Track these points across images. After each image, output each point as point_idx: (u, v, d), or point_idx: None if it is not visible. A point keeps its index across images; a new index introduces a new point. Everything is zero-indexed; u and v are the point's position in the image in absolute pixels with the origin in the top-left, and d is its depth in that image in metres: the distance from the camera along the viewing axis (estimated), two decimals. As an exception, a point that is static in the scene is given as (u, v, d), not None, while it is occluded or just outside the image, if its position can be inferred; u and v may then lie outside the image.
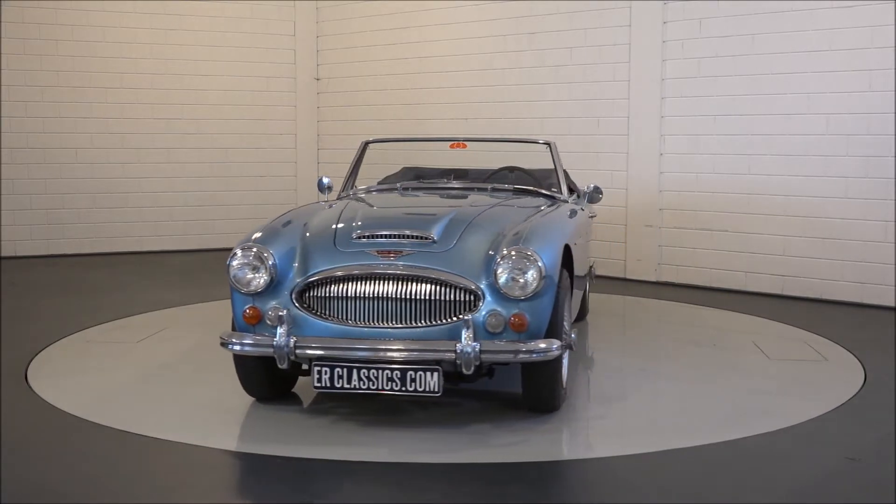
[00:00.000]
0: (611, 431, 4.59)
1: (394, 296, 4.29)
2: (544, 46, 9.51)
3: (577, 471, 4.03)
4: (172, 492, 3.75)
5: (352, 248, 4.48)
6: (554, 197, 5.90)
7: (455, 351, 4.11)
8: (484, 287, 4.29)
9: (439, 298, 4.28)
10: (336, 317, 4.34)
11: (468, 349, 4.10)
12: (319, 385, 4.24)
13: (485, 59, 9.98)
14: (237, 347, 4.37)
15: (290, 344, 4.21)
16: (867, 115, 7.66)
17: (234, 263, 4.46)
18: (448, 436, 4.35)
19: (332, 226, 4.73)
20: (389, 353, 4.17)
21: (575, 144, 9.00)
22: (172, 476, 3.93)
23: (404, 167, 7.12)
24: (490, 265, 4.32)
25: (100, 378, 5.35)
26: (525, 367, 4.45)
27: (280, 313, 4.26)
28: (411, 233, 4.52)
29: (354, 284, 4.33)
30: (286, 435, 4.36)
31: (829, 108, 7.85)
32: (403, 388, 4.19)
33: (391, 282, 4.31)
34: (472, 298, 4.29)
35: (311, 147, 11.59)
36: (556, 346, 4.25)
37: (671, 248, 8.89)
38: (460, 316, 4.23)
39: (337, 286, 4.35)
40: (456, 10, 10.25)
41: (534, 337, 4.28)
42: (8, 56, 10.18)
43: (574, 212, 5.82)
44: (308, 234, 4.67)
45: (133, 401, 4.93)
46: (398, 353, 4.17)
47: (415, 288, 4.29)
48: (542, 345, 4.22)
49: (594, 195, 6.24)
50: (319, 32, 11.49)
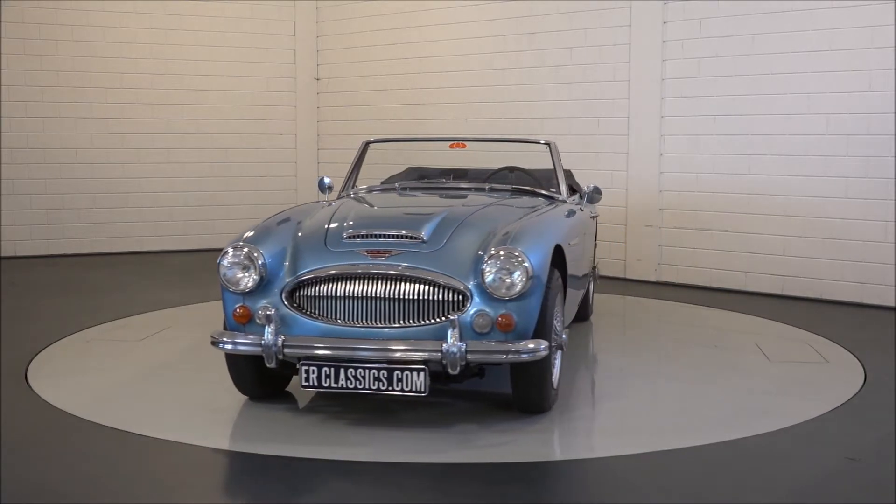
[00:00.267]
0: (611, 431, 4.59)
1: (382, 295, 4.29)
2: (544, 46, 9.51)
3: (577, 471, 4.02)
4: (172, 491, 3.76)
5: (342, 248, 4.48)
6: (553, 197, 5.89)
7: (441, 351, 4.11)
8: (472, 287, 4.28)
9: (427, 298, 4.28)
10: (325, 316, 4.35)
11: (454, 349, 4.09)
12: (307, 384, 4.25)
13: (485, 59, 9.98)
14: (226, 347, 4.40)
15: (279, 343, 4.23)
16: (867, 115, 7.66)
17: (225, 263, 4.48)
18: (444, 436, 4.34)
19: (324, 225, 4.73)
20: (376, 353, 4.18)
21: (575, 144, 9.00)
22: (171, 476, 3.93)
23: (409, 167, 7.12)
24: (478, 265, 4.31)
25: (99, 378, 5.35)
26: (514, 368, 4.43)
27: (268, 312, 4.28)
28: (401, 233, 4.52)
29: (343, 284, 4.33)
30: (279, 434, 4.36)
31: (829, 108, 7.85)
32: (390, 388, 4.19)
33: (379, 281, 4.32)
34: (461, 298, 4.28)
35: (311, 147, 11.59)
36: (544, 347, 4.23)
37: (671, 248, 8.89)
38: (448, 316, 4.23)
39: (326, 286, 4.36)
40: (456, 10, 10.25)
41: (521, 337, 4.26)
42: (8, 56, 10.18)
43: (572, 212, 5.81)
44: (300, 234, 4.68)
45: (132, 400, 4.93)
46: (384, 353, 4.17)
47: (403, 288, 4.30)
48: (531, 345, 4.20)
49: (594, 195, 6.22)
50: (319, 32, 11.49)
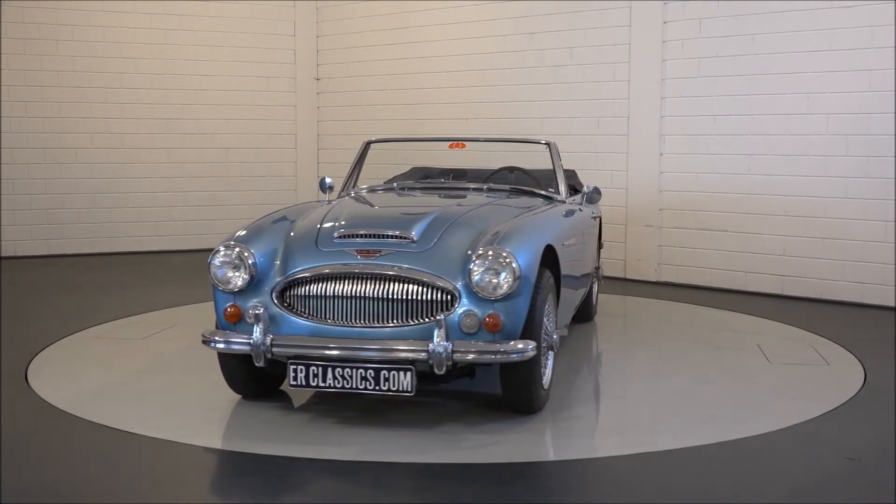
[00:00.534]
0: (611, 431, 4.60)
1: (370, 295, 4.29)
2: (544, 46, 9.51)
3: (577, 471, 4.02)
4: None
5: (332, 248, 4.49)
6: (551, 197, 5.87)
7: (427, 351, 4.11)
8: (460, 287, 4.27)
9: (416, 298, 4.28)
10: (314, 315, 4.36)
11: (440, 349, 4.09)
12: (295, 383, 4.26)
13: (485, 59, 9.98)
14: (216, 346, 4.42)
15: (267, 342, 4.24)
16: (867, 115, 7.66)
17: (216, 262, 4.50)
18: (433, 435, 4.34)
19: (317, 225, 4.74)
20: (362, 353, 4.18)
21: (575, 144, 8.99)
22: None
23: (413, 167, 7.12)
24: (467, 265, 4.30)
25: (99, 378, 5.34)
26: (503, 368, 4.43)
27: (257, 312, 4.29)
28: (391, 232, 4.52)
29: (332, 284, 4.34)
30: (269, 433, 4.36)
31: (829, 108, 7.85)
32: (377, 388, 4.19)
33: (368, 281, 4.32)
34: (449, 298, 4.28)
35: (311, 147, 11.59)
36: (532, 348, 4.21)
37: (671, 248, 8.89)
38: (435, 316, 4.23)
39: (315, 285, 4.37)
40: (456, 10, 10.25)
41: (509, 338, 4.24)
42: (8, 56, 10.18)
43: (571, 212, 5.80)
44: (292, 234, 4.69)
45: (132, 400, 4.93)
46: (371, 353, 4.17)
47: (391, 287, 4.30)
48: (519, 346, 4.19)
49: (593, 195, 6.19)
50: (319, 32, 11.49)
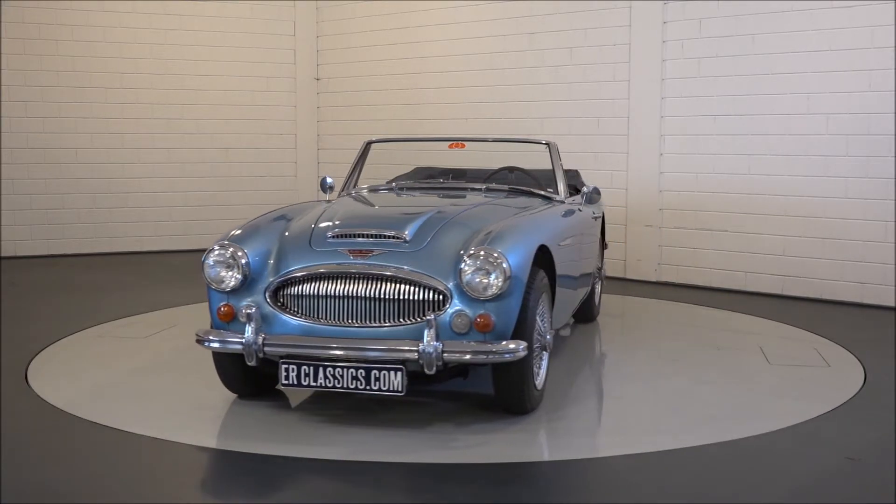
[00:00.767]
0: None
1: (362, 295, 4.30)
2: (544, 46, 9.51)
3: (577, 471, 4.02)
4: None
5: (325, 248, 4.50)
6: (550, 198, 5.86)
7: (417, 351, 4.11)
8: (451, 287, 4.27)
9: (407, 298, 4.29)
10: (307, 315, 4.37)
11: (430, 349, 4.09)
12: (287, 382, 4.27)
13: (485, 59, 9.98)
14: (209, 344, 4.42)
15: (259, 342, 4.25)
16: (867, 115, 7.66)
17: (209, 262, 4.50)
18: (427, 435, 4.34)
19: (311, 225, 4.75)
20: (353, 352, 4.19)
21: (575, 144, 8.99)
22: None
23: (417, 167, 7.12)
24: (458, 265, 4.29)
25: (99, 378, 5.34)
26: (495, 369, 4.42)
27: (249, 311, 4.30)
28: (384, 232, 4.52)
29: (324, 283, 4.35)
30: (262, 432, 4.36)
31: (829, 108, 7.85)
32: (368, 387, 4.19)
33: (360, 281, 4.33)
34: (441, 298, 4.28)
35: (311, 147, 11.59)
36: (523, 348, 4.21)
37: (671, 248, 8.89)
38: (425, 316, 4.23)
39: (307, 285, 4.37)
40: (456, 10, 10.25)
41: (500, 338, 4.24)
42: (8, 56, 10.18)
43: (570, 212, 5.79)
44: (286, 234, 4.70)
45: (132, 400, 4.93)
46: (361, 353, 4.18)
47: (383, 287, 4.30)
48: (510, 346, 4.18)
49: (592, 196, 6.18)
50: (319, 32, 11.49)
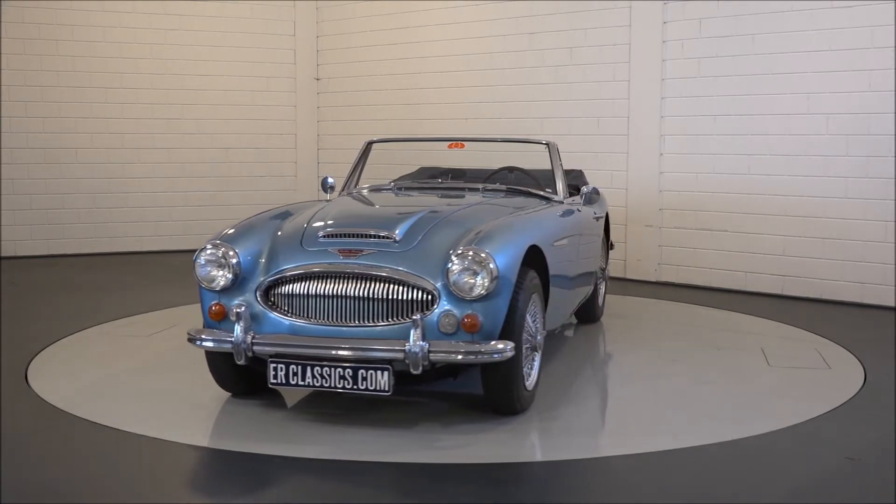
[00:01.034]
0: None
1: (351, 294, 4.31)
2: (544, 46, 9.51)
3: (577, 471, 4.02)
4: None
5: (316, 247, 4.51)
6: (548, 198, 5.85)
7: (403, 350, 4.11)
8: (439, 287, 4.27)
9: (396, 298, 4.29)
10: (296, 314, 4.38)
11: (416, 349, 4.08)
12: (275, 382, 4.27)
13: (485, 59, 9.98)
14: (200, 343, 4.44)
15: (248, 340, 4.27)
16: (867, 115, 7.66)
17: (200, 261, 4.52)
18: (421, 435, 4.34)
19: (304, 224, 4.75)
20: (340, 352, 4.19)
21: (575, 144, 8.99)
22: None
23: (421, 167, 7.12)
24: (446, 265, 4.29)
25: (99, 378, 5.34)
26: (484, 369, 4.42)
27: (238, 310, 4.31)
28: (374, 232, 4.53)
29: (313, 283, 4.36)
30: (262, 432, 4.37)
31: (829, 108, 7.85)
32: (355, 387, 4.20)
33: (349, 280, 4.33)
34: (429, 298, 4.28)
35: (311, 147, 11.59)
36: (510, 348, 4.20)
37: (671, 248, 8.89)
38: (413, 315, 4.22)
39: (297, 284, 4.38)
40: (456, 10, 10.25)
41: (488, 338, 4.23)
42: (8, 56, 10.18)
43: (569, 212, 5.78)
44: (279, 233, 4.71)
45: (132, 400, 4.93)
46: (348, 352, 4.18)
47: (372, 287, 4.31)
48: (499, 346, 4.18)
49: (591, 196, 6.14)
50: (319, 32, 11.49)
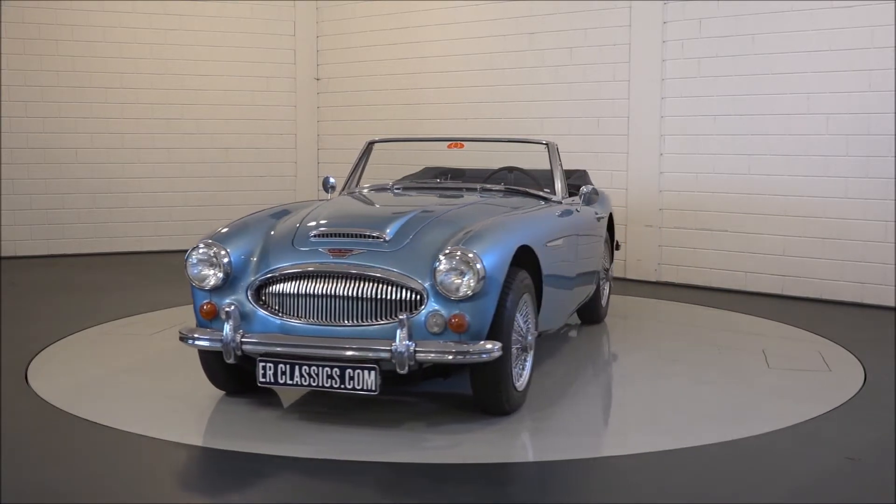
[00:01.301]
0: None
1: (340, 294, 4.32)
2: (544, 46, 9.51)
3: (577, 471, 4.02)
4: (169, 490, 3.78)
5: (307, 247, 4.52)
6: (547, 198, 5.83)
7: (390, 350, 4.11)
8: (427, 287, 4.27)
9: (384, 297, 4.30)
10: (286, 313, 4.39)
11: (402, 348, 4.09)
12: (264, 381, 4.29)
13: (485, 59, 9.98)
14: (192, 342, 4.46)
15: (237, 340, 4.28)
16: (867, 115, 7.66)
17: (192, 260, 4.53)
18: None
19: (296, 224, 4.76)
20: (327, 351, 4.20)
21: (575, 144, 8.99)
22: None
23: (426, 167, 7.13)
24: (434, 264, 4.29)
25: (99, 378, 5.35)
26: (472, 369, 4.42)
27: (228, 309, 4.32)
28: (364, 232, 4.54)
29: (302, 282, 4.37)
30: (255, 432, 4.37)
31: (829, 108, 7.84)
32: (342, 386, 4.21)
33: (337, 280, 4.34)
34: (417, 298, 4.28)
35: (311, 147, 11.59)
36: (497, 348, 4.19)
37: (671, 248, 8.89)
38: (399, 315, 4.22)
39: (287, 284, 4.40)
40: (456, 10, 10.24)
41: (476, 338, 4.22)
42: (8, 56, 10.18)
43: (566, 213, 5.77)
44: (273, 232, 4.73)
45: (132, 400, 4.93)
46: (335, 351, 4.19)
47: (360, 287, 4.31)
48: (487, 346, 4.17)
49: (591, 196, 6.11)
50: (319, 32, 11.48)
